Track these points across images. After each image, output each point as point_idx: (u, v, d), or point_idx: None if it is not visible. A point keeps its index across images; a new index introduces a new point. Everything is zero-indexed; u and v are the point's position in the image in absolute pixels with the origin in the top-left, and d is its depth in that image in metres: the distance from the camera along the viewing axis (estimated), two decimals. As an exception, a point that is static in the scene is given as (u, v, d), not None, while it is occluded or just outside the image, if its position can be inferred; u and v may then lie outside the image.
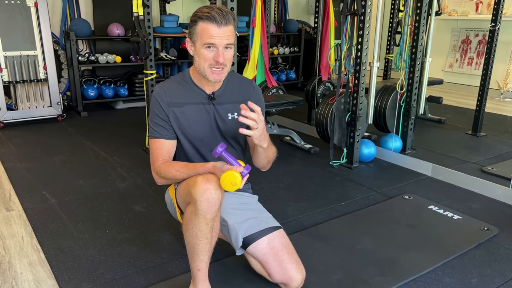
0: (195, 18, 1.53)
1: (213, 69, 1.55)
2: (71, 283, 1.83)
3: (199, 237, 1.53)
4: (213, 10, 1.50)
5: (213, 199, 1.47)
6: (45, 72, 4.28)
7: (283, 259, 1.68)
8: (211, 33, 1.49)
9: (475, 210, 2.58)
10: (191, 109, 1.65)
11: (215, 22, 1.49)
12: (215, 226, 1.55)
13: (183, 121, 1.65)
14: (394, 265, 1.98)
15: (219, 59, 1.52)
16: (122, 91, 5.06)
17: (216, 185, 1.48)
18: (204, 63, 1.55)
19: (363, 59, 3.07)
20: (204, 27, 1.50)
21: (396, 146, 3.46)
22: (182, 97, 1.65)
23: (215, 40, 1.50)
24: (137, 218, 2.43)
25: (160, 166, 1.65)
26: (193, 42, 1.56)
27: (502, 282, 1.88)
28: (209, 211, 1.48)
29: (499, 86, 5.58)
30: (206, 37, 1.50)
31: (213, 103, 1.66)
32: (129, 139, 3.90)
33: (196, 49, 1.56)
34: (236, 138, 1.76)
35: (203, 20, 1.50)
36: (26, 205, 2.56)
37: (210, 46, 1.52)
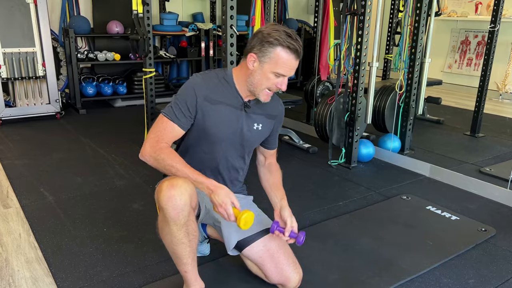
0: (274, 41, 1.46)
1: (267, 91, 1.56)
2: (68, 281, 1.83)
3: (175, 243, 1.51)
4: (296, 41, 1.46)
5: (179, 206, 1.43)
6: (43, 69, 4.27)
7: (280, 260, 1.68)
8: (288, 64, 1.48)
9: (472, 211, 2.58)
10: (224, 110, 1.60)
11: (296, 55, 1.48)
12: (190, 229, 1.51)
13: (211, 118, 1.60)
14: (391, 265, 1.98)
15: (283, 87, 1.54)
16: (121, 89, 5.05)
17: (181, 190, 1.43)
18: (264, 85, 1.54)
19: (362, 59, 3.07)
20: (284, 56, 1.47)
21: (394, 146, 3.46)
22: (219, 95, 1.60)
23: (288, 72, 1.50)
24: (134, 216, 2.43)
25: (161, 149, 1.52)
26: (261, 61, 1.50)
27: (499, 283, 1.88)
28: (178, 218, 1.45)
29: (498, 87, 5.59)
30: (282, 67, 1.48)
31: (246, 110, 1.64)
32: (128, 137, 3.90)
33: (261, 69, 1.51)
34: (250, 148, 1.78)
35: (284, 48, 1.46)
36: (24, 203, 2.56)
37: (279, 75, 1.51)
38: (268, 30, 1.49)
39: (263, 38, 1.48)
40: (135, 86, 5.11)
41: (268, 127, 1.74)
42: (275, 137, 1.84)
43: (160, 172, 1.63)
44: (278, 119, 1.77)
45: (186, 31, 5.30)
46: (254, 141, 1.74)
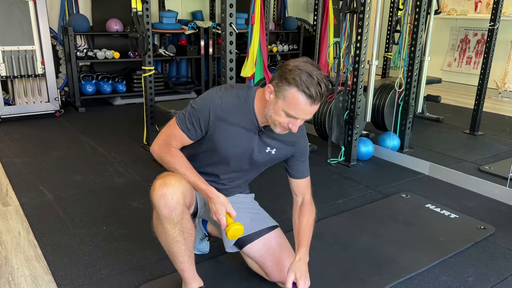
0: (291, 81, 1.36)
1: (281, 128, 1.48)
2: (68, 279, 1.83)
3: (170, 241, 1.52)
4: (314, 83, 1.34)
5: (172, 204, 1.44)
6: (43, 67, 4.27)
7: (280, 259, 1.68)
8: (301, 109, 1.38)
9: (472, 209, 2.59)
10: (237, 132, 1.55)
11: (310, 100, 1.36)
12: (185, 227, 1.50)
13: (222, 136, 1.55)
14: (390, 263, 1.98)
15: (292, 128, 1.44)
16: (120, 87, 5.05)
17: (173, 188, 1.44)
18: (276, 121, 1.45)
19: (362, 57, 3.07)
20: (297, 99, 1.36)
21: (394, 145, 3.46)
22: (235, 117, 1.53)
23: (299, 116, 1.41)
24: (134, 214, 2.43)
25: (168, 152, 1.56)
26: (276, 96, 1.41)
27: (498, 280, 1.89)
28: (171, 216, 1.45)
29: (497, 86, 5.58)
30: (293, 109, 1.39)
31: (260, 134, 1.58)
32: (127, 135, 3.90)
33: (275, 103, 1.42)
34: (260, 169, 1.74)
35: (299, 91, 1.35)
36: (23, 201, 2.56)
37: (291, 116, 1.42)
38: (292, 65, 1.38)
39: (283, 73, 1.39)
40: (134, 84, 5.10)
41: (283, 153, 1.65)
42: (300, 166, 1.71)
43: (157, 172, 1.63)
44: (297, 146, 1.66)
45: (186, 29, 5.30)
46: (264, 163, 1.67)
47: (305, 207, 1.73)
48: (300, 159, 1.70)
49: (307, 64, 1.38)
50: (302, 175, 1.73)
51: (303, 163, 1.72)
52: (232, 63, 2.57)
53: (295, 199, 1.76)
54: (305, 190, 1.74)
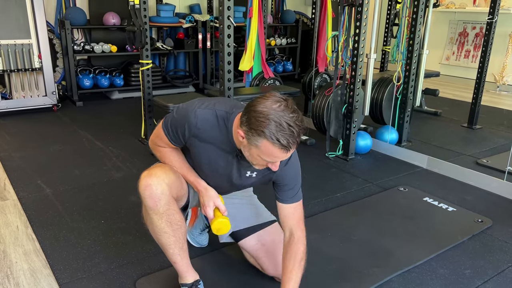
0: (261, 133, 1.23)
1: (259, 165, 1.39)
2: (66, 272, 1.84)
3: (157, 232, 1.52)
4: (289, 136, 1.22)
5: (156, 195, 1.44)
6: (39, 61, 4.24)
7: (276, 255, 1.66)
8: (276, 156, 1.28)
9: (469, 202, 2.60)
10: (213, 151, 1.47)
11: (285, 149, 1.25)
12: (173, 219, 1.49)
13: (198, 153, 1.50)
14: (388, 256, 1.99)
15: (273, 168, 1.36)
16: (117, 81, 5.03)
17: (158, 180, 1.44)
18: (254, 161, 1.37)
19: (360, 50, 3.06)
20: (271, 149, 1.25)
21: (392, 138, 3.46)
22: (211, 137, 1.44)
23: (277, 160, 1.32)
24: (132, 208, 2.43)
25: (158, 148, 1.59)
26: (249, 143, 1.29)
27: (495, 273, 1.90)
28: (156, 207, 1.45)
29: (496, 79, 5.59)
30: (268, 156, 1.29)
31: (238, 157, 1.47)
32: (125, 129, 3.89)
33: (249, 149, 1.32)
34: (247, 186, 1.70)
35: (271, 143, 1.23)
36: (21, 195, 2.55)
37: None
38: (258, 113, 1.23)
39: (250, 123, 1.25)
40: (132, 78, 5.08)
41: (264, 177, 1.55)
42: (286, 191, 1.54)
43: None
44: (280, 176, 1.51)
45: (183, 22, 5.27)
46: (246, 185, 1.62)
47: (290, 246, 1.51)
48: (284, 185, 1.54)
49: (274, 109, 1.23)
50: (285, 200, 1.54)
51: (286, 187, 1.54)
52: (230, 56, 2.56)
53: (284, 230, 1.56)
54: (292, 221, 1.54)
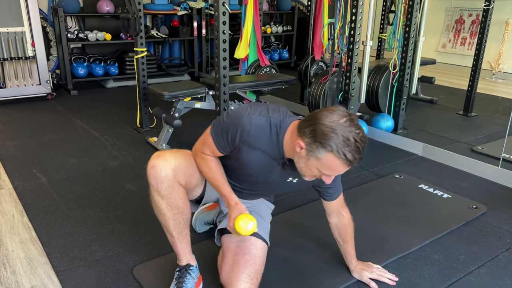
0: (327, 146, 1.25)
1: (311, 177, 1.40)
2: (63, 260, 1.84)
3: (158, 213, 1.55)
4: (355, 152, 1.25)
5: (160, 177, 1.47)
6: (33, 50, 4.20)
7: (239, 264, 1.54)
8: (338, 170, 1.31)
9: (464, 188, 2.61)
10: (260, 157, 1.48)
11: (348, 164, 1.28)
12: (173, 203, 1.51)
13: (245, 158, 1.50)
14: (384, 242, 2.01)
15: (327, 182, 1.38)
16: (112, 69, 4.99)
17: (164, 163, 1.47)
18: (307, 173, 1.38)
19: (356, 37, 3.04)
20: (334, 163, 1.27)
21: (387, 126, 3.47)
22: (261, 144, 1.45)
23: (335, 173, 1.34)
24: (128, 196, 2.43)
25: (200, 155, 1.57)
26: (309, 154, 1.30)
27: (489, 258, 1.92)
28: (158, 188, 1.49)
29: (491, 67, 5.59)
30: (328, 170, 1.31)
31: (284, 166, 1.50)
32: (120, 118, 3.87)
33: (307, 160, 1.33)
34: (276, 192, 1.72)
35: (336, 157, 1.26)
36: (16, 184, 2.54)
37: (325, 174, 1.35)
38: (326, 126, 1.25)
39: (316, 135, 1.26)
40: (126, 66, 5.05)
41: (306, 183, 1.55)
42: (331, 190, 1.64)
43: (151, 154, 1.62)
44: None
45: (178, 10, 5.22)
46: (285, 190, 1.68)
47: (343, 224, 1.71)
48: (328, 190, 1.64)
49: (342, 124, 1.25)
50: (329, 197, 1.66)
51: (332, 190, 1.64)
52: (225, 43, 2.54)
53: (329, 216, 1.72)
54: (338, 206, 1.69)
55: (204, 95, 3.17)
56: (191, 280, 1.61)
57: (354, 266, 1.76)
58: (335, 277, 1.76)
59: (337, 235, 1.74)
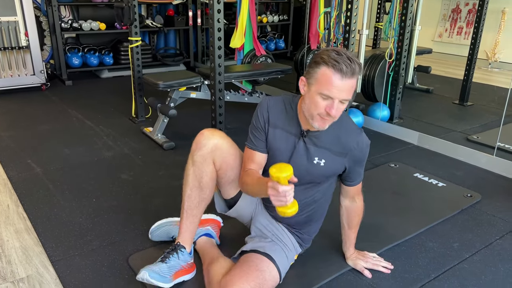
0: (319, 60, 1.36)
1: (322, 117, 1.41)
2: (59, 250, 1.84)
3: (184, 180, 1.61)
4: (342, 58, 1.32)
5: (200, 143, 1.56)
6: (26, 39, 4.16)
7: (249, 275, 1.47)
8: (332, 84, 1.34)
9: (459, 177, 2.62)
10: (282, 135, 1.54)
11: (340, 73, 1.32)
12: (199, 175, 1.56)
13: (271, 141, 1.56)
14: (378, 231, 2.02)
15: (331, 112, 1.37)
16: (107, 59, 4.95)
17: (211, 135, 1.56)
18: (314, 110, 1.41)
19: (352, 26, 3.02)
20: (327, 75, 1.34)
21: (383, 115, 3.47)
22: (280, 120, 1.55)
23: (333, 94, 1.35)
24: (124, 186, 2.43)
25: (242, 175, 1.59)
26: (309, 84, 1.40)
27: (482, 246, 1.93)
28: (194, 152, 1.57)
29: (488, 56, 5.58)
30: (325, 87, 1.35)
31: (304, 140, 1.52)
32: (115, 108, 3.85)
33: (310, 92, 1.41)
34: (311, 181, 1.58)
35: (328, 67, 1.33)
36: (11, 174, 2.53)
37: (325, 97, 1.37)
38: (320, 51, 1.39)
39: (311, 62, 1.40)
40: (121, 56, 5.01)
41: (335, 165, 1.55)
42: (355, 173, 1.62)
43: (146, 144, 1.62)
44: (351, 157, 1.55)
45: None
46: (316, 176, 1.56)
47: (354, 209, 1.71)
48: (354, 170, 1.61)
49: (332, 48, 1.39)
50: (351, 182, 1.64)
51: (355, 171, 1.62)
52: (220, 32, 2.52)
53: (343, 199, 1.70)
54: (354, 192, 1.68)
55: (200, 84, 3.15)
56: (177, 260, 1.60)
57: (351, 253, 1.78)
58: (330, 265, 1.77)
59: (344, 219, 1.73)
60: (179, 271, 1.60)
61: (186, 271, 1.64)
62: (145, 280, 1.52)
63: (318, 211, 1.69)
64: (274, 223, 1.69)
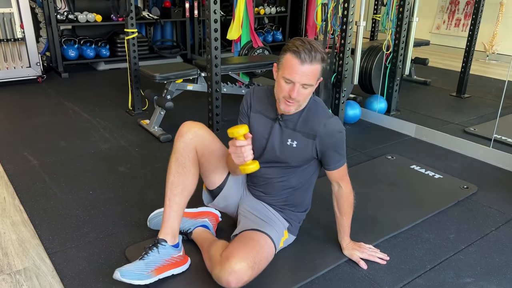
0: (285, 48, 1.51)
1: (286, 100, 1.53)
2: (55, 242, 1.84)
3: (168, 171, 1.65)
4: (304, 45, 1.45)
5: (182, 131, 1.67)
6: (22, 31, 4.12)
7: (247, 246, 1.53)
8: (293, 68, 1.47)
9: (456, 169, 2.63)
10: (260, 119, 1.69)
11: (299, 59, 1.45)
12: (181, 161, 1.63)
13: (253, 125, 1.70)
14: (375, 222, 2.02)
15: (292, 94, 1.49)
16: (103, 51, 4.93)
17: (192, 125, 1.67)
18: (280, 93, 1.54)
19: (349, 18, 3.01)
20: (289, 60, 1.48)
21: (381, 108, 3.46)
22: (260, 105, 1.71)
23: (294, 77, 1.47)
24: (120, 178, 2.42)
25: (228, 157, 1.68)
26: (278, 69, 1.55)
27: (478, 237, 1.94)
28: (177, 140, 1.66)
29: (485, 48, 5.57)
30: (287, 71, 1.48)
31: (280, 124, 1.64)
32: (112, 100, 3.84)
33: (278, 77, 1.55)
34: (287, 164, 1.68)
35: (291, 53, 1.47)
36: (7, 167, 2.53)
37: (288, 81, 1.49)
38: (289, 40, 1.54)
39: (280, 51, 1.54)
40: (118, 48, 4.98)
41: (306, 147, 1.63)
42: (329, 158, 1.65)
43: (143, 137, 1.62)
44: (320, 140, 1.61)
45: (170, -10, 5.14)
46: (289, 156, 1.65)
47: (341, 196, 1.73)
48: (328, 154, 1.65)
49: (304, 37, 1.51)
50: (331, 166, 1.68)
51: (330, 155, 1.65)
52: (216, 24, 2.50)
53: (332, 185, 1.75)
54: (338, 177, 1.71)
55: (196, 77, 3.14)
56: (157, 255, 1.58)
57: (346, 243, 1.78)
58: (326, 256, 1.77)
59: (335, 206, 1.76)
60: (163, 266, 1.58)
61: (173, 264, 1.61)
62: (119, 279, 1.51)
63: (297, 197, 1.77)
64: (259, 203, 1.76)
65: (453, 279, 1.67)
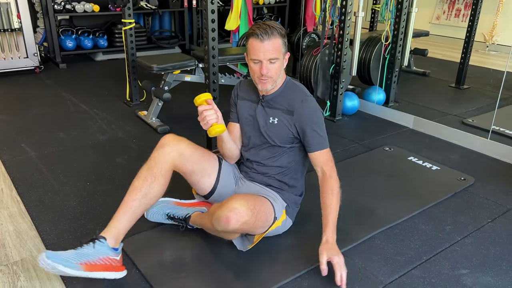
0: (246, 35, 1.67)
1: (260, 79, 1.66)
2: (53, 234, 1.84)
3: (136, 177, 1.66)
4: (259, 26, 1.60)
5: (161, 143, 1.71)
6: (19, 21, 4.09)
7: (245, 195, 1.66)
8: (255, 49, 1.61)
9: (453, 161, 2.63)
10: (245, 104, 1.84)
11: (258, 38, 1.59)
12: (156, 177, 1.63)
13: (239, 111, 1.87)
14: (372, 214, 2.03)
15: (263, 71, 1.62)
16: (101, 42, 4.90)
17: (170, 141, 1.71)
18: (253, 75, 1.68)
19: (348, 8, 2.99)
20: (251, 43, 1.62)
21: (379, 99, 3.46)
22: (245, 93, 1.86)
23: (259, 56, 1.61)
24: (118, 170, 2.42)
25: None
26: (247, 56, 1.68)
27: (474, 229, 1.95)
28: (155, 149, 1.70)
29: (485, 39, 5.54)
30: (251, 52, 1.63)
31: (263, 105, 1.78)
32: (110, 91, 3.82)
33: (248, 62, 1.68)
34: (274, 142, 1.77)
35: (250, 37, 1.63)
36: (5, 158, 2.52)
37: (256, 61, 1.63)
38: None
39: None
40: (116, 39, 4.96)
41: (286, 123, 1.72)
42: (309, 138, 1.71)
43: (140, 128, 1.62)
44: (298, 116, 1.69)
45: (168, -20, 5.09)
46: (273, 133, 1.75)
47: (325, 183, 1.69)
48: (306, 132, 1.70)
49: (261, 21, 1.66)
50: (312, 148, 1.72)
51: (309, 134, 1.70)
52: (214, 14, 2.48)
53: (317, 172, 1.75)
54: (321, 161, 1.72)
55: (194, 67, 3.12)
56: (92, 250, 1.49)
57: (325, 240, 1.60)
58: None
59: (321, 193, 1.69)
60: (95, 264, 1.48)
61: (107, 267, 1.50)
62: (40, 262, 1.40)
63: (291, 177, 1.83)
64: (257, 185, 1.82)
65: (448, 270, 1.68)
